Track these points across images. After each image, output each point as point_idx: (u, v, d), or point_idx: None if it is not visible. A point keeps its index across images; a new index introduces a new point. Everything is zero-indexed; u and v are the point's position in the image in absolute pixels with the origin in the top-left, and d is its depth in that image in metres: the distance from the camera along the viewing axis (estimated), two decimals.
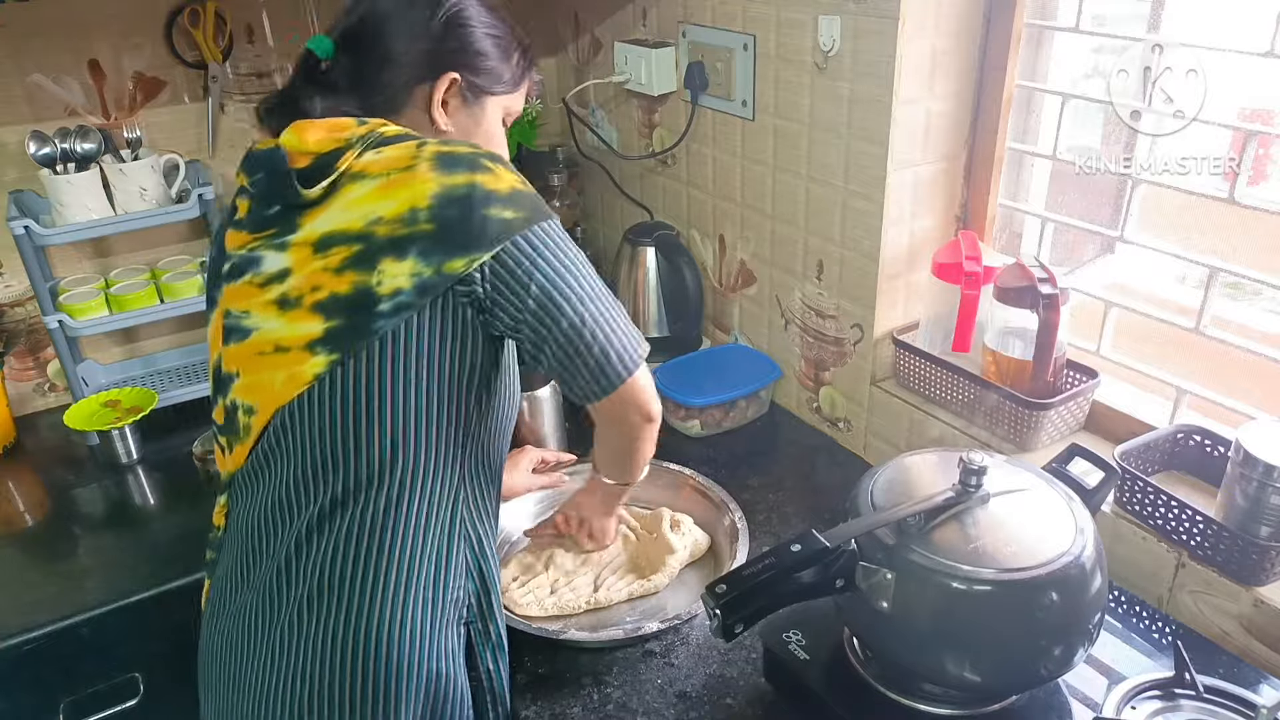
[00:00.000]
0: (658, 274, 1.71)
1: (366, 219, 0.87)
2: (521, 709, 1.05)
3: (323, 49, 0.96)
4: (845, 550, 0.88)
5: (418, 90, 0.98)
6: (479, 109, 1.02)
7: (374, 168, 0.89)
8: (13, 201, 1.55)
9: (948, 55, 1.28)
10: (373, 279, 0.86)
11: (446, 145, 0.90)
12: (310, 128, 0.91)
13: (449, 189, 0.86)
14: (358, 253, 0.86)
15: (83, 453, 1.59)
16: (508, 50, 1.02)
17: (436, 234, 0.85)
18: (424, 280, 0.85)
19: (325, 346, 0.87)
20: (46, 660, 1.21)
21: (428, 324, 0.87)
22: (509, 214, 0.87)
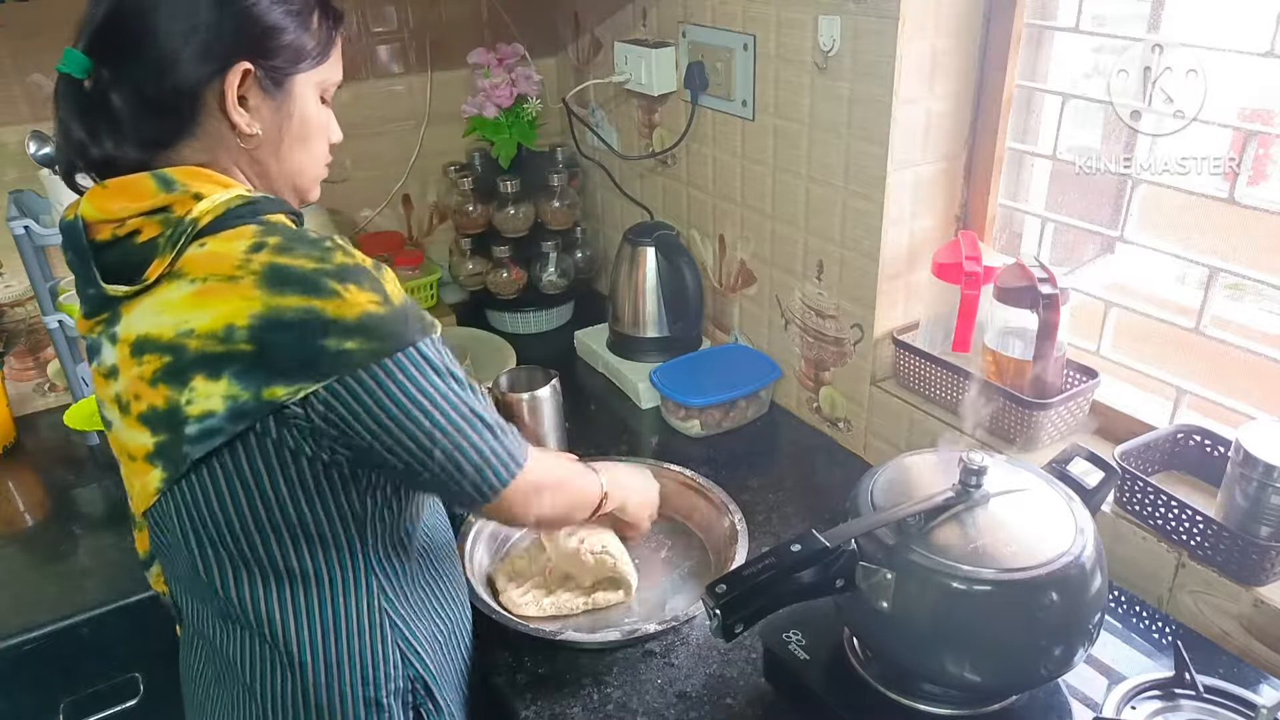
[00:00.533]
0: (658, 274, 1.70)
1: (177, 328, 0.76)
2: (521, 709, 1.05)
3: (77, 65, 0.79)
4: (845, 550, 0.88)
5: (207, 94, 0.80)
6: (286, 97, 0.85)
7: (192, 268, 0.77)
8: (13, 201, 1.55)
9: (948, 55, 1.28)
10: (183, 397, 0.76)
11: (286, 253, 0.77)
12: (107, 196, 0.79)
13: (275, 311, 0.74)
14: (168, 365, 0.77)
15: (83, 453, 1.59)
16: (304, 15, 0.84)
17: (256, 356, 0.75)
18: (239, 405, 0.76)
19: (158, 461, 0.80)
20: (46, 660, 1.21)
21: (255, 451, 0.79)
22: (351, 345, 0.76)
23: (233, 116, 0.82)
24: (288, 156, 0.88)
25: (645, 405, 1.66)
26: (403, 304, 0.81)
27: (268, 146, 0.86)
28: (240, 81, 0.81)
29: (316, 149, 0.92)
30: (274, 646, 0.88)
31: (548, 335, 1.99)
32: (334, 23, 0.88)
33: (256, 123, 0.84)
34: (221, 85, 0.80)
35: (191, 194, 0.79)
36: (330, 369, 0.76)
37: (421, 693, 0.95)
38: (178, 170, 0.81)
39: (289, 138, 0.87)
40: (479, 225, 1.93)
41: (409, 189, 2.04)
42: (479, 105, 1.85)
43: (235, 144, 0.84)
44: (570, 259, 1.97)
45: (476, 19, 1.97)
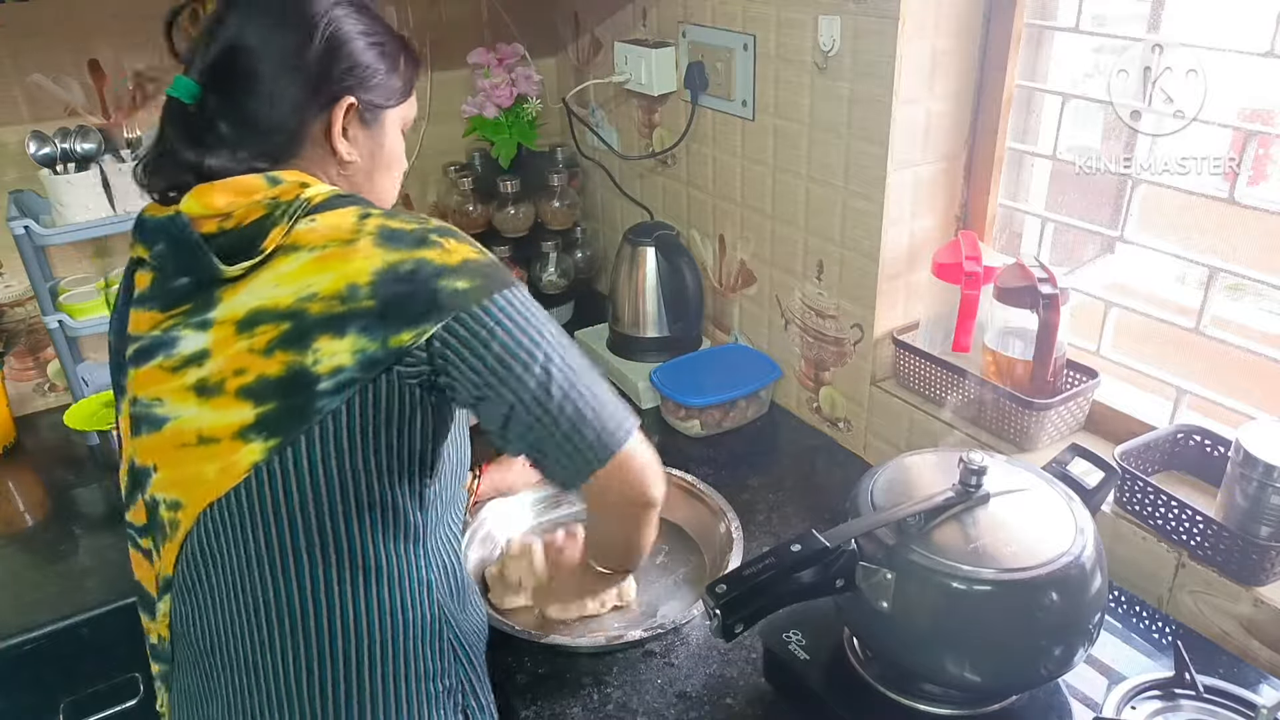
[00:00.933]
0: (658, 274, 1.70)
1: (298, 295, 0.79)
2: (521, 709, 1.05)
3: (186, 92, 0.85)
4: (845, 550, 0.88)
5: (314, 124, 0.88)
6: (379, 129, 0.94)
7: (308, 239, 0.81)
8: (13, 201, 1.55)
9: (948, 55, 1.28)
10: (308, 358, 0.79)
11: (391, 219, 0.83)
12: (213, 191, 0.82)
13: (393, 265, 0.80)
14: (287, 331, 0.79)
15: (83, 453, 1.59)
16: (394, 57, 0.93)
17: (379, 310, 0.79)
18: (369, 355, 0.79)
19: (261, 433, 0.80)
20: (46, 660, 1.21)
21: (372, 402, 0.81)
22: (462, 284, 0.81)
23: (337, 145, 0.89)
24: (377, 182, 0.96)
25: (645, 405, 1.66)
26: (494, 257, 0.87)
27: (361, 173, 0.94)
28: (345, 114, 0.89)
29: (397, 176, 0.99)
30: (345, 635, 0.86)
31: None
32: (415, 64, 0.97)
33: (355, 151, 0.91)
34: (329, 117, 0.88)
35: (298, 183, 0.85)
36: (449, 308, 0.80)
37: (469, 691, 0.95)
38: (284, 172, 0.86)
39: (379, 165, 0.95)
40: (479, 225, 1.93)
41: (409, 189, 2.03)
42: (479, 105, 1.85)
43: (334, 169, 0.91)
44: (570, 259, 1.97)
45: (476, 19, 1.97)
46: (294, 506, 0.82)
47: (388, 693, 0.88)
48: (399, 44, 0.94)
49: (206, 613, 0.87)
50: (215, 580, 0.86)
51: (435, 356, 0.80)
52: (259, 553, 0.84)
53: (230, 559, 0.84)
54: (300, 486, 0.82)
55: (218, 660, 0.87)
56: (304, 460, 0.81)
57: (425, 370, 0.81)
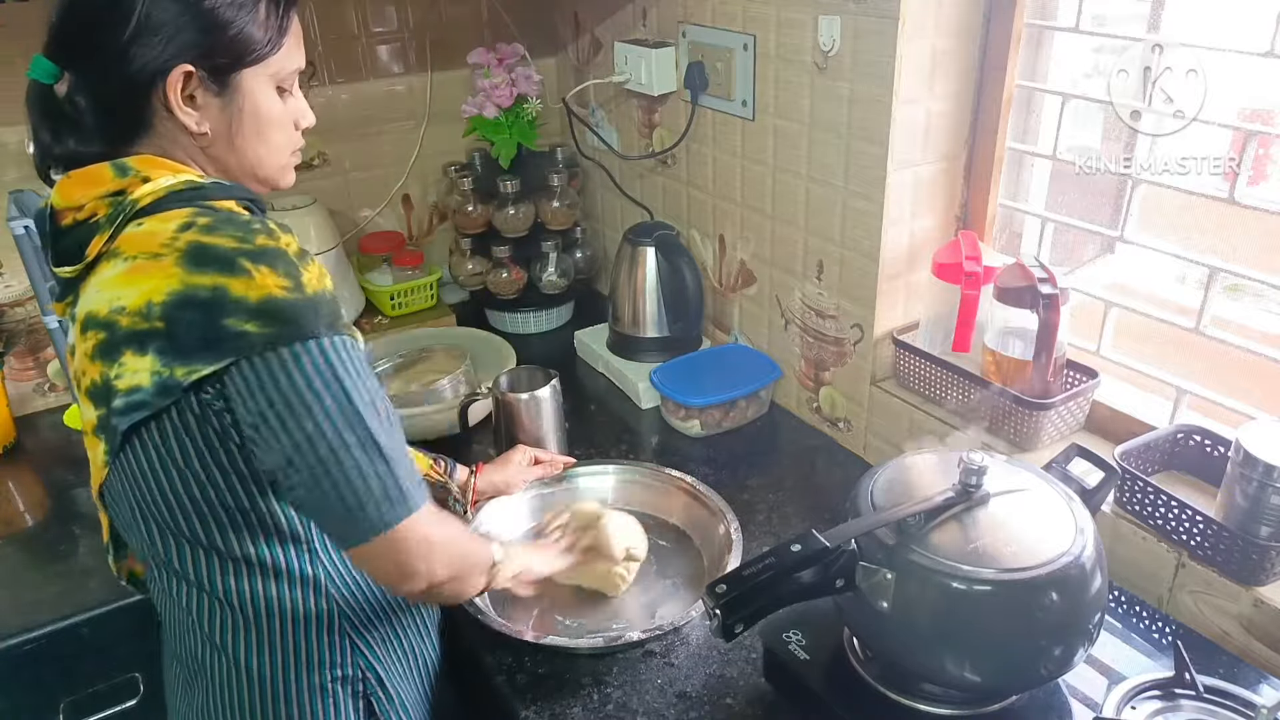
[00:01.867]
0: (658, 274, 1.70)
1: (110, 305, 0.77)
2: (521, 709, 1.05)
3: (43, 71, 0.82)
4: (845, 550, 0.88)
5: (154, 95, 0.81)
6: (234, 93, 0.84)
7: (126, 246, 0.79)
8: (13, 201, 1.54)
9: (948, 55, 1.28)
10: (112, 371, 0.78)
11: (213, 232, 0.77)
12: (70, 184, 0.82)
13: (190, 289, 0.75)
14: (103, 341, 0.78)
15: (82, 453, 1.57)
16: (248, 7, 0.82)
17: (167, 333, 0.76)
18: (164, 381, 0.76)
19: (102, 435, 0.82)
20: (46, 660, 1.21)
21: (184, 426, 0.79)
22: (250, 327, 0.75)
23: (180, 117, 0.82)
24: (243, 150, 0.88)
25: (645, 405, 1.66)
26: (315, 295, 0.79)
27: (220, 143, 0.86)
28: (184, 83, 0.81)
29: (276, 139, 0.90)
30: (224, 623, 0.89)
31: (548, 335, 1.99)
32: (284, 10, 0.86)
33: (206, 121, 0.84)
34: (164, 87, 0.81)
35: (142, 178, 0.81)
36: (228, 350, 0.76)
37: (373, 682, 0.95)
38: (135, 159, 0.82)
39: (242, 133, 0.87)
40: (479, 225, 1.93)
41: (409, 189, 2.04)
42: (479, 105, 1.85)
43: (188, 140, 0.85)
44: (570, 259, 1.97)
45: (476, 19, 1.97)
46: (147, 503, 0.85)
47: (278, 679, 0.90)
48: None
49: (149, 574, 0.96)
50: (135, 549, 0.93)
51: (215, 397, 0.78)
52: (138, 537, 0.89)
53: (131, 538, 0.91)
54: (145, 486, 0.84)
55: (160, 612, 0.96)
56: (136, 465, 0.83)
57: (210, 406, 0.78)
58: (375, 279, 1.94)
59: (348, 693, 0.94)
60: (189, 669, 0.94)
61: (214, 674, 0.91)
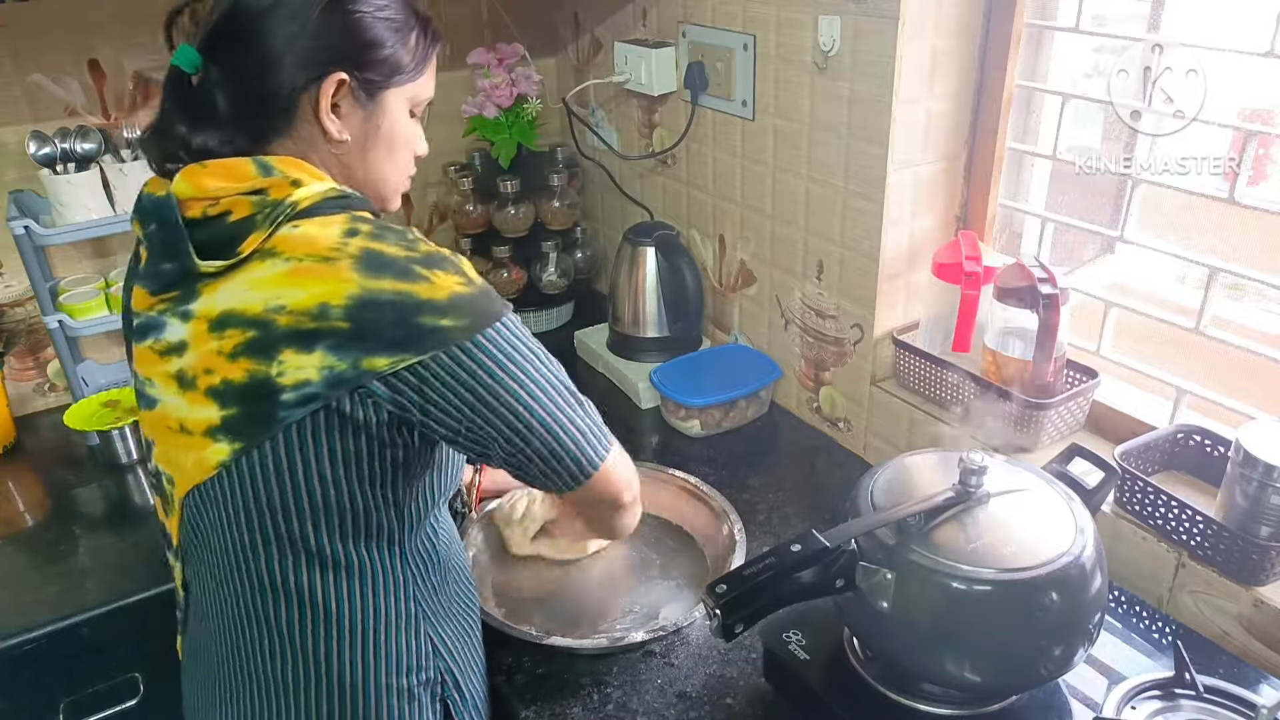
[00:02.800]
0: (658, 274, 1.70)
1: (267, 304, 0.78)
2: (521, 710, 1.05)
3: (188, 61, 0.83)
4: (845, 550, 0.88)
5: (304, 99, 0.84)
6: (377, 108, 0.88)
7: (287, 247, 0.79)
8: (13, 201, 1.55)
9: (948, 55, 1.28)
10: (271, 369, 0.78)
11: (379, 239, 0.80)
12: (204, 173, 0.81)
13: (372, 294, 0.77)
14: (253, 339, 0.78)
15: (83, 453, 1.59)
16: (403, 32, 0.88)
17: (353, 332, 0.77)
18: (336, 374, 0.78)
19: (226, 435, 0.81)
20: (46, 660, 1.21)
21: (338, 418, 0.80)
22: (446, 322, 0.79)
23: (324, 122, 0.85)
24: (373, 164, 0.91)
25: (645, 405, 1.66)
26: (483, 284, 0.84)
27: (355, 152, 0.89)
28: (335, 90, 0.84)
29: (401, 159, 0.94)
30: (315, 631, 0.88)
31: (548, 335, 1.99)
32: (431, 42, 0.91)
33: (347, 130, 0.87)
34: (317, 92, 0.84)
35: (290, 180, 0.82)
36: (430, 344, 0.79)
37: (450, 684, 0.96)
38: (278, 159, 0.83)
39: (376, 146, 0.90)
40: (479, 225, 1.93)
41: (409, 189, 2.03)
42: (479, 105, 1.85)
43: (324, 147, 0.87)
44: (570, 259, 1.97)
45: (476, 19, 1.97)
46: (261, 505, 0.84)
47: (363, 683, 0.90)
48: (413, 19, 0.89)
49: (205, 581, 0.91)
50: (206, 556, 0.89)
51: (410, 389, 0.80)
52: (233, 541, 0.87)
53: (214, 542, 0.88)
54: (266, 488, 0.83)
55: (212, 626, 0.91)
56: (269, 465, 0.82)
57: (398, 399, 0.80)
58: None
59: (428, 695, 0.94)
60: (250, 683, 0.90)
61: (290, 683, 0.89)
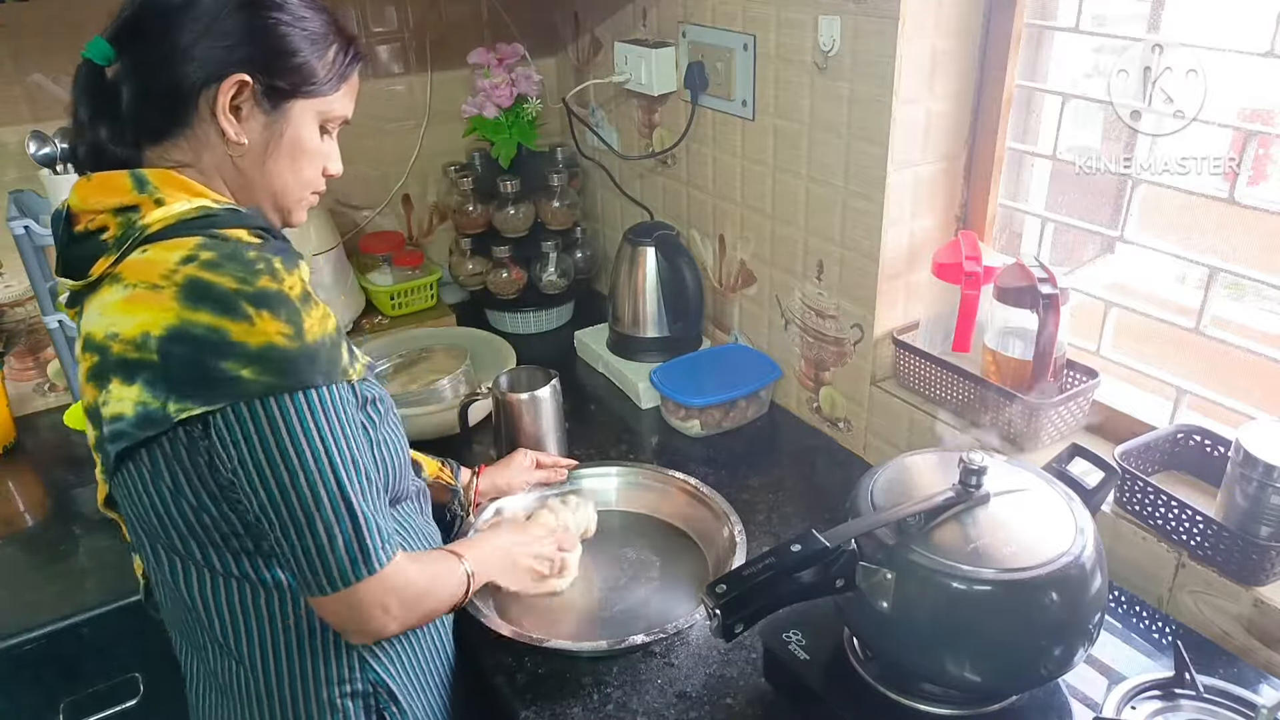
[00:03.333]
0: (658, 274, 1.70)
1: (106, 330, 0.78)
2: (521, 710, 1.05)
3: (99, 53, 0.83)
4: (845, 550, 0.88)
5: (202, 97, 0.83)
6: (280, 117, 0.86)
7: (129, 273, 0.78)
8: (13, 201, 1.54)
9: (948, 55, 1.28)
10: (100, 397, 0.79)
11: (211, 270, 0.77)
12: (89, 187, 0.82)
13: (185, 325, 0.75)
14: (96, 365, 0.79)
15: (83, 453, 1.59)
16: (320, 45, 0.86)
17: (161, 367, 0.76)
18: (148, 412, 0.77)
19: (99, 453, 0.83)
20: (46, 660, 1.21)
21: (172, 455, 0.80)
22: (247, 373, 0.76)
23: (221, 122, 0.83)
24: (272, 172, 0.89)
25: (645, 405, 1.66)
26: (315, 343, 0.79)
27: (251, 158, 0.87)
28: (236, 92, 0.83)
29: (305, 173, 0.91)
30: (224, 646, 0.90)
31: (548, 335, 1.99)
32: (351, 60, 0.90)
33: (245, 134, 0.85)
34: (216, 90, 0.82)
35: (155, 199, 0.81)
36: (222, 394, 0.76)
37: (385, 696, 0.95)
38: (154, 172, 0.82)
39: (277, 155, 0.88)
40: (479, 225, 1.93)
41: (409, 189, 2.04)
42: (479, 105, 1.85)
43: (221, 149, 0.85)
44: (570, 259, 1.97)
45: (476, 19, 1.97)
46: (143, 522, 0.86)
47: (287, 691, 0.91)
48: (333, 34, 0.88)
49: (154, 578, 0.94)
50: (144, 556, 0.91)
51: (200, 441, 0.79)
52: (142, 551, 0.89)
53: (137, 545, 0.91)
54: (141, 507, 0.84)
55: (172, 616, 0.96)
56: (134, 486, 0.83)
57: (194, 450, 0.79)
58: (375, 279, 1.94)
59: (359, 707, 0.94)
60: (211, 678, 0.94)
61: (232, 679, 0.91)
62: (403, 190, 2.03)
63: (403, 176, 2.01)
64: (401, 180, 2.02)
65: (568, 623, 1.18)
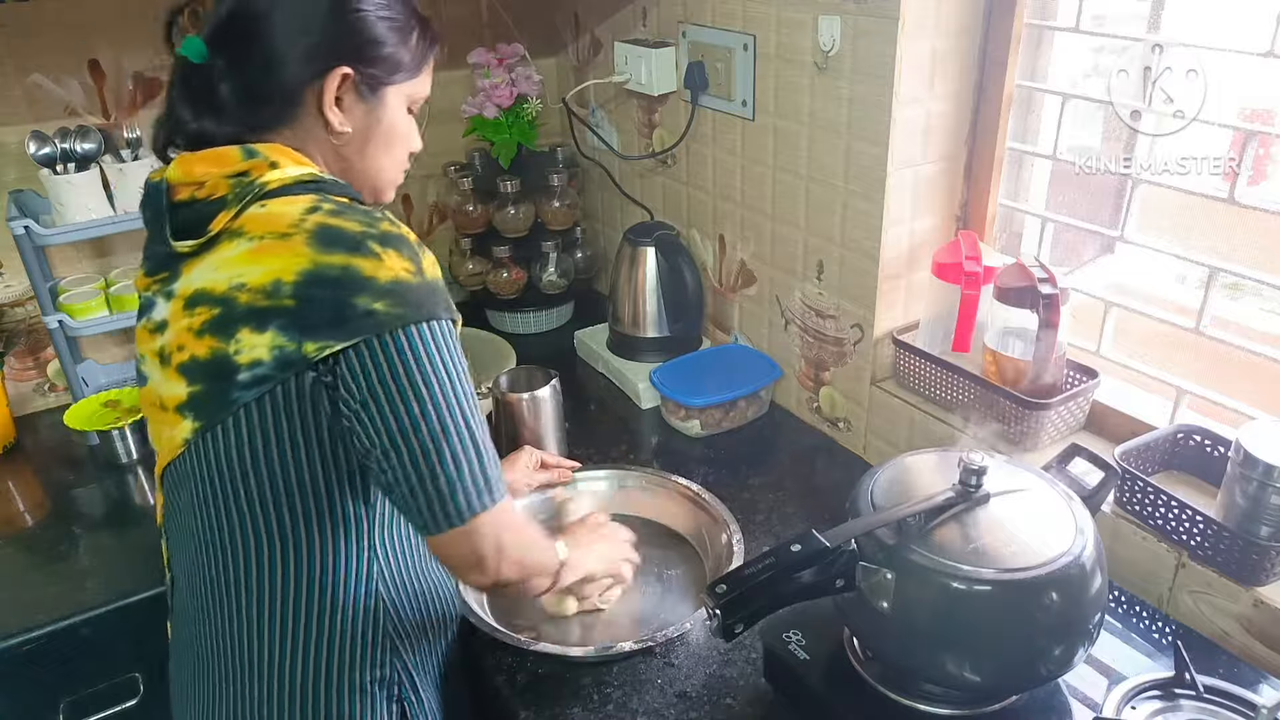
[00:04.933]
0: (658, 274, 1.70)
1: (230, 282, 0.80)
2: (521, 710, 1.05)
3: (195, 52, 0.86)
4: (845, 550, 0.88)
5: (308, 91, 0.88)
6: (378, 103, 0.92)
7: (252, 226, 0.82)
8: (13, 201, 1.55)
9: (948, 55, 1.28)
10: (230, 347, 0.80)
11: (339, 216, 0.82)
12: (194, 160, 0.85)
13: (320, 268, 0.78)
14: (217, 316, 0.80)
15: (83, 453, 1.59)
16: (405, 32, 0.91)
17: (297, 311, 0.78)
18: (285, 354, 0.79)
19: (191, 412, 0.83)
20: (46, 660, 1.21)
21: (294, 399, 0.81)
22: (379, 306, 0.79)
23: (327, 114, 0.88)
24: (371, 156, 0.94)
25: (645, 405, 1.66)
26: (435, 279, 0.84)
27: (354, 145, 0.92)
28: (339, 84, 0.88)
29: (398, 154, 0.97)
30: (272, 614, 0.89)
31: (548, 335, 1.99)
32: (430, 43, 0.95)
33: (349, 123, 0.90)
34: (321, 85, 0.87)
35: (269, 162, 0.85)
36: (357, 329, 0.79)
37: (406, 685, 0.96)
38: (264, 145, 0.86)
39: (375, 140, 0.93)
40: (479, 225, 1.93)
41: (409, 189, 2.04)
42: (479, 105, 1.85)
43: (325, 138, 0.90)
44: (570, 259, 1.97)
45: (476, 19, 1.97)
46: (225, 484, 0.85)
47: (315, 674, 0.90)
48: (413, 19, 0.93)
49: (182, 562, 0.94)
50: (182, 537, 0.92)
51: (332, 374, 0.80)
52: (202, 521, 0.88)
53: (186, 521, 0.90)
54: (229, 468, 0.84)
55: (189, 606, 0.94)
56: (231, 445, 0.83)
57: (329, 381, 0.80)
58: None
59: (384, 695, 0.94)
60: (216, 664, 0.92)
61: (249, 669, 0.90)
62: (403, 190, 2.03)
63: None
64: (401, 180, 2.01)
65: (568, 624, 1.18)
